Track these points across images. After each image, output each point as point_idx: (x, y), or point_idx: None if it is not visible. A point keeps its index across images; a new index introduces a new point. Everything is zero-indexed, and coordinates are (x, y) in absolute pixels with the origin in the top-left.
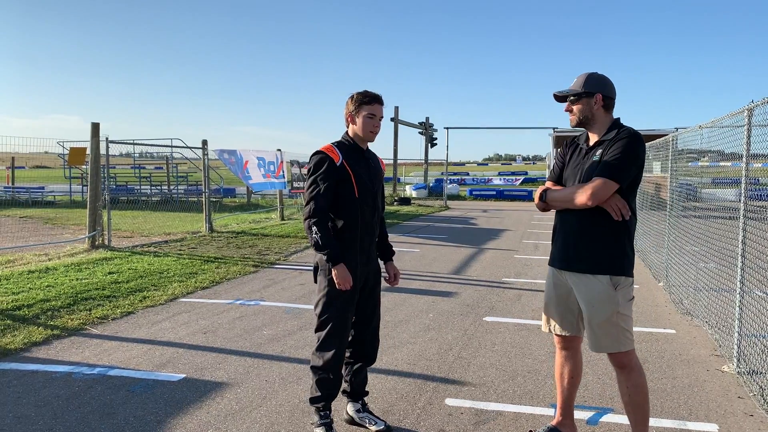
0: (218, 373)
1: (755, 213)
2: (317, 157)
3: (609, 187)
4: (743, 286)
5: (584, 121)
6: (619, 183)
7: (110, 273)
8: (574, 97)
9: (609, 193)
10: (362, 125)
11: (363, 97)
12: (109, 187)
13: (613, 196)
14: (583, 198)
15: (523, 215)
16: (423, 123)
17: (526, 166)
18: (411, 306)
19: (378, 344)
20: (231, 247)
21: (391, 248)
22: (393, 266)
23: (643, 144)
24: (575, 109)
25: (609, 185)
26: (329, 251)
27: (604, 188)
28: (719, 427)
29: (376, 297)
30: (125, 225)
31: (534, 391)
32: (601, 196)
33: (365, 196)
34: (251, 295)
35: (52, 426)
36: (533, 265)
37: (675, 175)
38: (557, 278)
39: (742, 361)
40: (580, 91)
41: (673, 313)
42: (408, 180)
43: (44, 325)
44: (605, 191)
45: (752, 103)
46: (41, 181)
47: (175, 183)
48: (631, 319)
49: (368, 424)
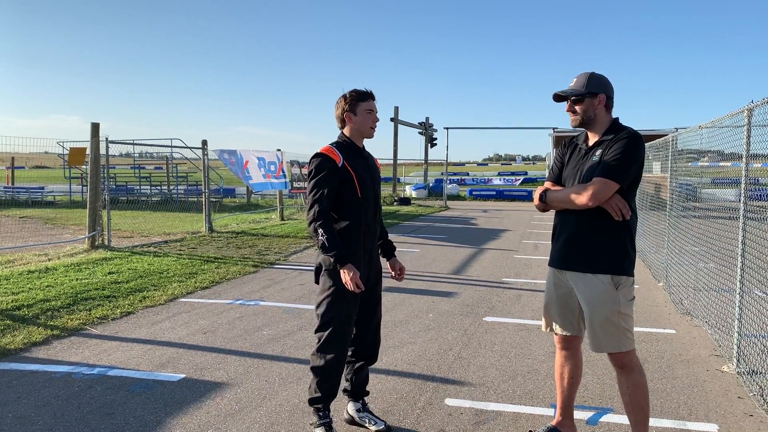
0: (218, 373)
1: (755, 213)
2: (318, 160)
3: (609, 187)
4: (743, 286)
5: (586, 121)
6: (620, 183)
7: (110, 273)
8: (577, 98)
9: (609, 193)
10: (362, 121)
11: (358, 94)
12: (108, 187)
13: (613, 196)
14: (584, 199)
15: (523, 215)
16: (423, 123)
17: (525, 166)
18: (411, 306)
19: (379, 343)
20: (231, 247)
21: (392, 245)
22: (397, 261)
23: (643, 144)
24: (578, 110)
25: (609, 186)
26: (337, 252)
27: (605, 189)
28: (719, 427)
29: (377, 296)
30: (125, 225)
31: (534, 391)
32: (601, 197)
33: (367, 196)
34: (251, 295)
35: (52, 426)
36: (533, 265)
37: (675, 175)
38: (557, 278)
39: (742, 361)
40: (584, 92)
41: (673, 313)
42: (408, 180)
43: (44, 325)
44: (606, 192)
45: (752, 103)
46: (41, 181)
47: (175, 183)
48: (631, 319)
49: (368, 424)
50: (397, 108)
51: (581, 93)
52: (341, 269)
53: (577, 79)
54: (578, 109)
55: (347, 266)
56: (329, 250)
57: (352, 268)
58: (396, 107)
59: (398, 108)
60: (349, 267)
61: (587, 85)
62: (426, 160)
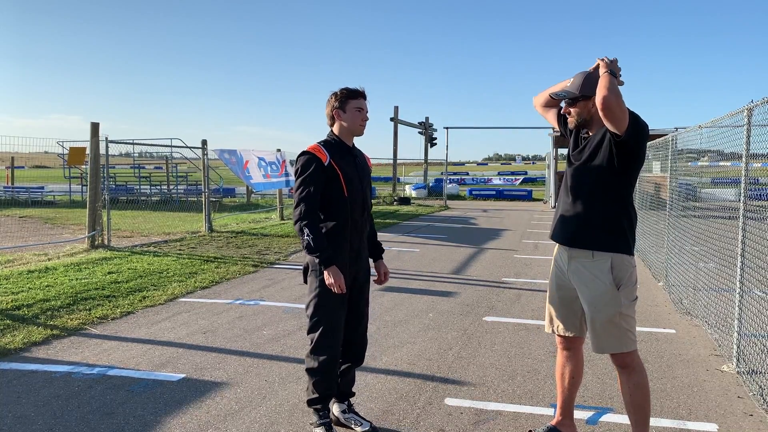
0: (218, 372)
1: (755, 213)
2: (304, 158)
3: (622, 102)
4: (743, 286)
5: (582, 123)
6: (627, 119)
7: (110, 273)
8: (571, 100)
9: (621, 100)
10: (351, 119)
11: (348, 92)
12: (108, 187)
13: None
14: (605, 91)
15: (523, 215)
16: (422, 123)
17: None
18: (411, 306)
19: (366, 344)
20: (230, 247)
21: (380, 246)
22: (383, 264)
23: (645, 123)
24: (573, 112)
25: (623, 103)
26: (321, 253)
27: (620, 98)
28: (719, 426)
29: (365, 295)
30: (125, 225)
31: (534, 390)
32: (617, 98)
33: (354, 195)
34: (251, 295)
35: (52, 426)
36: (533, 265)
37: (675, 175)
38: (560, 279)
39: (742, 361)
40: (578, 95)
41: (673, 312)
42: (407, 180)
43: (44, 324)
44: (619, 98)
45: (752, 102)
46: (41, 180)
47: (175, 183)
48: (634, 320)
49: (353, 425)
50: (397, 108)
51: (574, 96)
52: (325, 271)
53: (574, 78)
54: (573, 111)
55: (331, 268)
56: (314, 251)
57: (337, 270)
58: (396, 107)
59: (398, 108)
60: (333, 269)
61: (581, 88)
62: (426, 160)
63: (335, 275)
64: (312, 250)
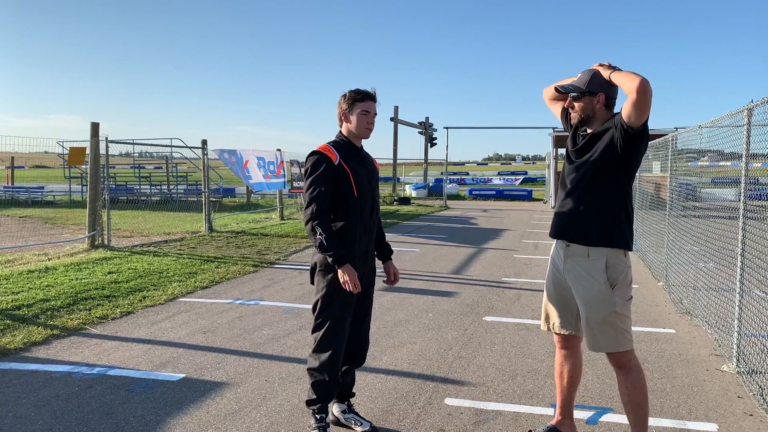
0: (218, 372)
1: (755, 213)
2: (314, 158)
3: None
4: (743, 286)
5: (585, 119)
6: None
7: (110, 273)
8: (577, 95)
9: (649, 89)
10: (357, 122)
11: (356, 94)
12: (108, 187)
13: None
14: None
15: (523, 215)
16: (422, 123)
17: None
18: (411, 306)
19: (368, 345)
20: (231, 247)
21: (389, 247)
22: (392, 265)
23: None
24: (577, 107)
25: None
26: (335, 252)
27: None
28: (719, 426)
29: (370, 297)
30: (125, 225)
31: (534, 390)
32: (648, 88)
33: (364, 195)
34: (251, 295)
35: (52, 426)
36: (533, 265)
37: (675, 175)
38: (556, 277)
39: (742, 361)
40: (583, 90)
41: (673, 312)
42: (407, 180)
43: (44, 324)
44: (648, 86)
45: (752, 102)
46: (41, 180)
47: (175, 183)
48: (629, 319)
49: (354, 425)
50: (397, 107)
51: (580, 90)
52: (339, 269)
53: (581, 75)
54: (577, 106)
55: (345, 267)
56: (327, 250)
57: (350, 268)
58: (396, 107)
59: (398, 107)
60: (347, 268)
61: (588, 84)
62: (426, 160)
63: (349, 273)
64: (325, 249)
